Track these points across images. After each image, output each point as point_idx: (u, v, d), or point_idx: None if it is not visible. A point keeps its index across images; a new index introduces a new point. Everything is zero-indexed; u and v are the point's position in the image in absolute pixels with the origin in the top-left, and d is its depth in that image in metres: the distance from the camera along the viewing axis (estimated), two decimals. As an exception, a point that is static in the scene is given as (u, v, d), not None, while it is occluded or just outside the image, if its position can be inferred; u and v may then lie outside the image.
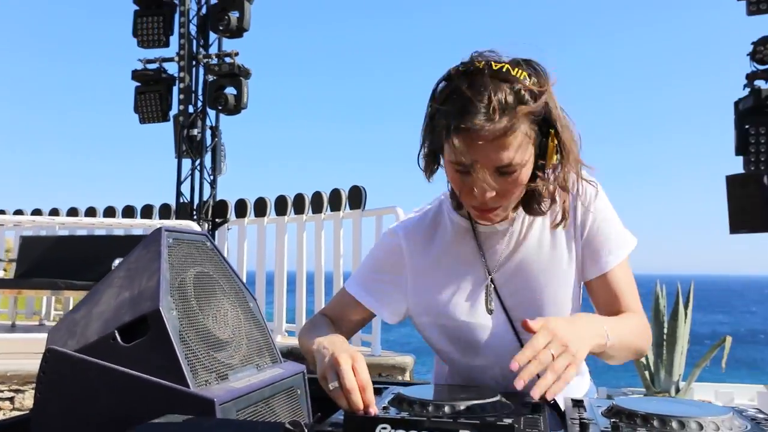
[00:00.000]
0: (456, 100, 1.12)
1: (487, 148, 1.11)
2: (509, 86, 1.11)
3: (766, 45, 4.73)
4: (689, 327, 4.43)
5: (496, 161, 1.13)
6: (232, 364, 2.08)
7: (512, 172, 1.15)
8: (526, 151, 1.15)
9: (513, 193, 1.19)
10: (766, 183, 5.05)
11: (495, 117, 1.09)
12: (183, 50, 6.91)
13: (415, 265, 1.36)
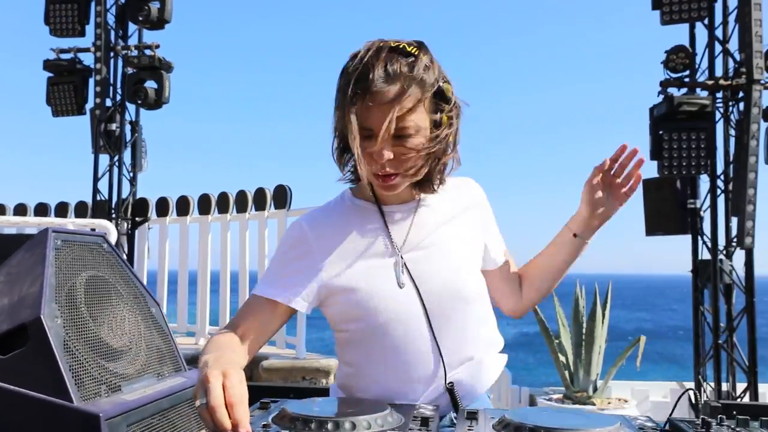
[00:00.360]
0: (358, 70, 1.24)
1: (385, 109, 1.23)
2: (405, 59, 1.25)
3: (679, 54, 4.91)
4: (607, 327, 4.56)
5: (393, 123, 1.23)
6: (127, 374, 1.94)
7: (408, 135, 1.25)
8: (421, 117, 1.27)
9: (409, 160, 1.28)
10: (679, 187, 5.24)
11: (391, 82, 1.22)
12: (99, 40, 6.57)
13: (322, 247, 1.38)
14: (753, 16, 4.61)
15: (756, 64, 4.65)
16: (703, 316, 5.12)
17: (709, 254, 5.03)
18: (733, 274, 5.03)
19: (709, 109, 4.82)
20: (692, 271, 5.19)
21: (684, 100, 4.75)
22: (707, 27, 5.05)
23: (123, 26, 6.78)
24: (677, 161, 4.79)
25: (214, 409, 0.95)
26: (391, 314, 1.33)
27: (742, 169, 4.70)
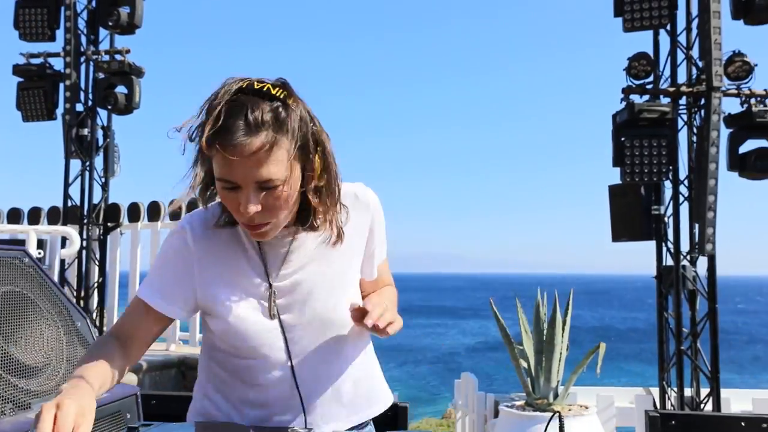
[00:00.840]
0: (218, 117, 1.13)
1: (248, 163, 1.13)
2: (269, 104, 1.15)
3: (640, 60, 4.92)
4: (567, 334, 4.57)
5: (257, 177, 1.15)
6: (41, 390, 1.93)
7: (275, 188, 1.17)
8: (288, 167, 1.17)
9: (280, 209, 1.20)
10: (643, 193, 5.25)
11: (253, 133, 1.12)
12: (69, 45, 6.53)
13: (201, 258, 1.33)
14: (712, 24, 4.63)
15: (715, 71, 4.67)
16: (667, 322, 5.13)
17: (672, 260, 5.04)
18: (697, 280, 5.04)
19: (669, 116, 4.84)
20: (656, 277, 5.20)
21: (645, 107, 4.76)
22: (669, 34, 5.07)
23: (93, 31, 6.74)
24: (639, 168, 4.80)
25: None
26: (253, 344, 1.31)
27: (703, 176, 4.72)
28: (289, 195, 1.19)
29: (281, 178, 1.16)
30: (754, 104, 4.81)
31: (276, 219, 1.22)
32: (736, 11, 4.84)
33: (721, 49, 4.73)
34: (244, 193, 1.17)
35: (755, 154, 4.76)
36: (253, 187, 1.16)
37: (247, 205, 1.17)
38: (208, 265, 1.32)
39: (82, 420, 1.00)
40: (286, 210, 1.22)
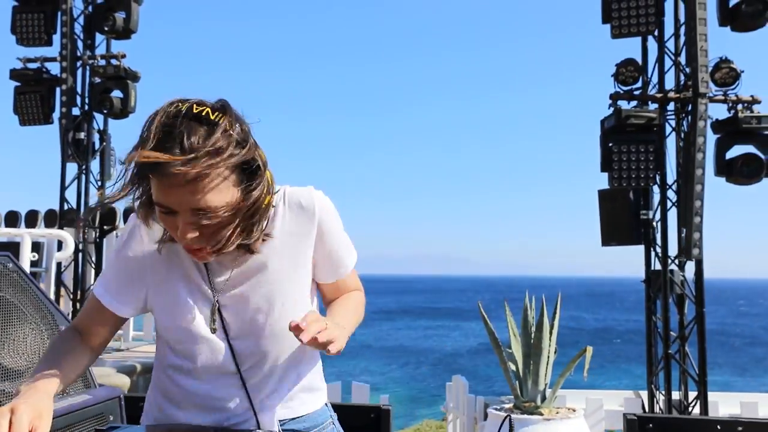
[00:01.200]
0: (155, 139, 1.11)
1: (183, 191, 1.12)
2: (206, 129, 1.12)
3: (628, 67, 4.97)
4: (555, 337, 4.61)
5: (192, 204, 1.13)
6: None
7: (212, 214, 1.15)
8: (226, 194, 1.16)
9: (218, 233, 1.19)
10: (632, 198, 5.29)
11: (189, 161, 1.09)
12: (66, 50, 6.59)
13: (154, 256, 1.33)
14: (698, 31, 4.68)
15: (701, 78, 4.71)
16: (655, 326, 5.17)
17: (660, 265, 5.08)
18: (685, 284, 5.08)
19: (657, 122, 4.88)
20: (644, 281, 5.24)
21: (632, 113, 4.81)
22: (657, 40, 5.12)
23: (90, 36, 6.80)
24: (626, 173, 4.84)
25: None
26: (198, 355, 1.32)
27: (690, 181, 4.76)
28: (227, 219, 1.18)
29: (218, 206, 1.15)
30: (740, 110, 4.86)
31: (214, 242, 1.20)
32: (723, 18, 4.88)
33: (708, 56, 4.77)
34: (181, 219, 1.15)
35: (741, 160, 4.80)
36: (190, 213, 1.15)
37: (184, 233, 1.16)
38: (159, 269, 1.33)
39: (38, 422, 1.04)
40: (225, 233, 1.20)
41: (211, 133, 1.12)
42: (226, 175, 1.14)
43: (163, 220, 1.19)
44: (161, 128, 1.11)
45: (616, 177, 4.86)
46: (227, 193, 1.16)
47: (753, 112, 4.85)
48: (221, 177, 1.13)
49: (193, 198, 1.12)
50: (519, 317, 4.68)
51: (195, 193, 1.12)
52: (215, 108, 1.16)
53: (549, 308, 4.49)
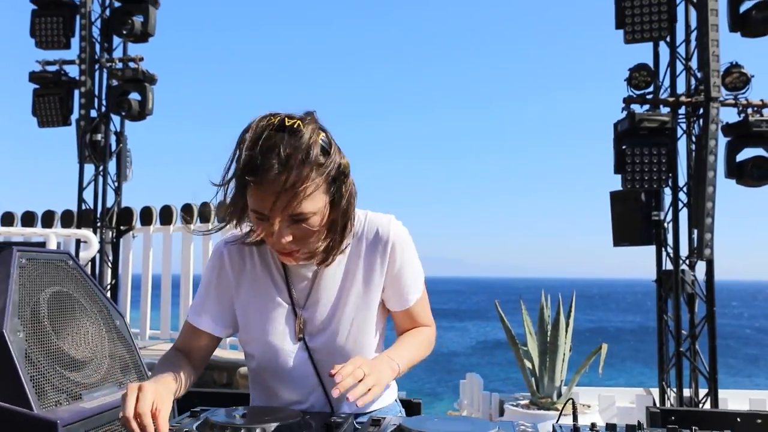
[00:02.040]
0: (252, 153, 1.22)
1: (281, 198, 1.22)
2: (299, 141, 1.22)
3: (641, 71, 5.09)
4: (570, 335, 4.71)
5: (289, 210, 1.24)
6: (88, 383, 2.10)
7: (305, 219, 1.26)
8: (318, 201, 1.27)
9: (309, 238, 1.31)
10: (644, 199, 5.41)
11: (286, 171, 1.20)
12: (84, 53, 6.70)
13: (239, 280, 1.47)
14: (710, 37, 4.80)
15: (713, 82, 4.83)
16: (666, 325, 5.28)
17: (672, 265, 5.20)
18: (696, 284, 5.20)
19: (669, 126, 5.00)
20: (656, 281, 5.36)
21: (645, 117, 4.93)
22: (669, 46, 5.24)
23: (107, 39, 6.91)
24: (639, 175, 4.96)
25: (127, 419, 1.12)
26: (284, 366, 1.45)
27: (701, 183, 4.88)
28: (319, 224, 1.29)
29: (312, 211, 1.26)
30: (750, 114, 4.98)
31: (306, 246, 1.32)
32: (733, 24, 5.00)
33: (719, 61, 4.89)
34: (276, 224, 1.26)
35: (752, 163, 4.92)
36: (286, 220, 1.26)
37: (280, 237, 1.26)
38: (243, 287, 1.46)
39: (161, 404, 1.16)
40: (316, 238, 1.31)
41: (303, 143, 1.22)
42: (318, 183, 1.25)
43: (258, 226, 1.30)
44: (258, 140, 1.22)
45: (629, 179, 4.98)
46: (319, 199, 1.27)
47: (763, 116, 4.97)
48: (314, 184, 1.24)
49: (289, 205, 1.23)
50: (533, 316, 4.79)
51: (291, 200, 1.22)
52: (304, 120, 1.26)
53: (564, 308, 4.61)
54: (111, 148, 7.06)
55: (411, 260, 1.48)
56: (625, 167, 4.99)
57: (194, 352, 1.51)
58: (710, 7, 4.83)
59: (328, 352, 1.44)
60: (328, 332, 1.44)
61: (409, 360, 1.45)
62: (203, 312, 1.50)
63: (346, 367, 1.22)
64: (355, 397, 1.19)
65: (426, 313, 1.57)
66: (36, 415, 1.77)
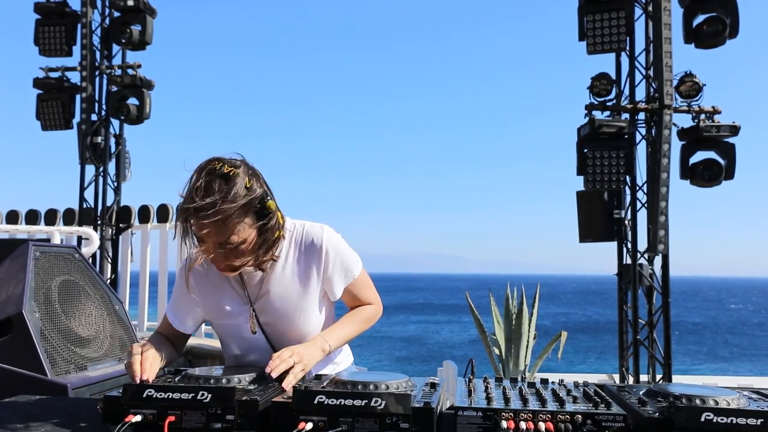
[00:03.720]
0: (193, 193, 1.56)
1: (213, 230, 1.58)
2: (232, 186, 1.57)
3: (601, 80, 5.48)
4: (534, 324, 5.11)
5: (220, 239, 1.60)
6: (92, 357, 2.53)
7: (235, 246, 1.62)
8: (245, 233, 1.62)
9: (240, 258, 1.66)
10: (606, 198, 5.81)
11: (219, 211, 1.55)
12: (85, 60, 7.10)
13: (202, 289, 1.84)
14: (664, 49, 5.19)
15: (666, 91, 5.22)
16: (626, 315, 5.69)
17: (630, 259, 5.60)
18: (653, 277, 5.60)
19: (626, 131, 5.40)
20: (617, 274, 5.76)
21: (604, 123, 5.32)
22: (629, 56, 5.63)
23: (107, 47, 7.30)
24: (599, 176, 5.35)
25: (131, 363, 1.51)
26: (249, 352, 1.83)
27: (655, 184, 5.28)
28: (247, 249, 1.63)
29: (240, 240, 1.61)
30: (702, 120, 5.37)
31: (240, 263, 1.66)
32: (687, 36, 5.39)
33: (673, 71, 5.29)
34: (210, 250, 1.61)
35: (703, 165, 5.32)
36: (218, 245, 1.60)
37: (214, 259, 1.64)
38: (207, 293, 1.82)
39: (155, 363, 1.56)
40: (246, 258, 1.65)
41: (234, 188, 1.57)
42: (244, 220, 1.60)
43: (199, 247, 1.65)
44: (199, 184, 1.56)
45: (591, 180, 5.38)
46: (246, 232, 1.62)
47: (714, 122, 5.36)
48: (240, 221, 1.59)
49: (221, 236, 1.59)
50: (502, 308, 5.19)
51: (223, 233, 1.58)
52: (238, 167, 1.61)
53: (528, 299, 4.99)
54: (111, 150, 7.46)
55: (343, 257, 1.83)
56: (586, 169, 5.39)
57: (172, 338, 1.88)
58: (664, 21, 5.22)
59: (280, 334, 1.80)
60: (278, 319, 1.79)
61: (343, 337, 1.81)
62: (177, 313, 1.87)
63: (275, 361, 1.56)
64: (287, 385, 1.52)
65: (367, 293, 1.90)
66: (50, 380, 2.18)
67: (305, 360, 1.63)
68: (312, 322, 1.81)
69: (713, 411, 1.13)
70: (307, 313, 1.80)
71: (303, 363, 1.61)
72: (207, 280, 1.82)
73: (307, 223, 1.83)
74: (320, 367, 1.84)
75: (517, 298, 5.11)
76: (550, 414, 1.23)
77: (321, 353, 1.71)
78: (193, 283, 1.82)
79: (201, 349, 6.51)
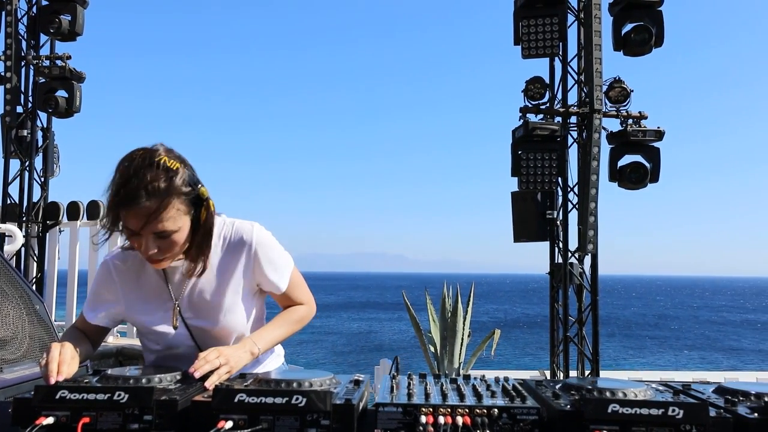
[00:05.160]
0: (124, 183, 1.51)
1: (146, 220, 1.52)
2: (164, 176, 1.53)
3: (535, 84, 5.63)
4: (469, 322, 5.20)
5: (154, 229, 1.55)
6: (9, 359, 2.42)
7: (168, 235, 1.57)
8: (179, 221, 1.58)
9: (172, 249, 1.61)
10: (539, 200, 5.96)
11: (150, 198, 1.50)
12: (10, 50, 6.78)
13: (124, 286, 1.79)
14: (594, 55, 5.37)
15: (596, 96, 5.41)
16: (557, 313, 5.86)
17: (561, 259, 5.77)
18: (583, 276, 5.79)
19: (558, 134, 5.56)
20: (549, 273, 5.93)
21: (538, 125, 5.47)
22: (562, 61, 5.80)
23: (34, 36, 7.00)
24: (533, 178, 5.50)
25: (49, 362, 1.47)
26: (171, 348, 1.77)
27: (585, 185, 5.46)
28: (179, 239, 1.59)
29: (173, 229, 1.55)
30: (630, 125, 5.59)
31: (170, 255, 1.61)
32: (616, 44, 5.60)
33: (603, 77, 5.48)
34: (144, 240, 1.55)
35: (630, 168, 5.54)
36: (151, 236, 1.55)
37: (147, 250, 1.56)
38: (128, 290, 1.78)
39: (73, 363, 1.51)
40: (178, 248, 1.61)
41: (167, 176, 1.52)
42: (178, 208, 1.55)
43: (130, 240, 1.60)
44: (129, 173, 1.51)
45: (524, 181, 5.52)
46: (180, 220, 1.57)
47: (640, 126, 5.59)
48: (175, 209, 1.55)
49: (154, 225, 1.53)
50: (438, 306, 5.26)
51: (155, 221, 1.52)
52: (170, 155, 1.57)
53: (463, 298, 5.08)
54: (38, 144, 7.16)
55: (274, 257, 1.79)
56: (520, 170, 5.52)
57: (89, 333, 1.84)
58: (594, 28, 5.40)
59: (204, 331, 1.75)
60: (202, 315, 1.74)
61: (273, 340, 1.78)
62: (94, 309, 1.82)
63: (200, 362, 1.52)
64: (210, 384, 1.46)
65: (300, 292, 1.87)
66: (-40, 383, 2.07)
67: (231, 362, 1.58)
68: (237, 320, 1.77)
69: (619, 402, 1.18)
70: (232, 310, 1.77)
71: (229, 365, 1.57)
72: (128, 275, 1.77)
73: (237, 220, 1.79)
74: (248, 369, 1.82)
75: (452, 296, 5.21)
76: (467, 408, 1.26)
77: (249, 356, 1.67)
78: (115, 278, 1.78)
79: (132, 349, 6.34)
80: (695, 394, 1.41)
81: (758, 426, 1.17)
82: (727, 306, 67.25)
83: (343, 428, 1.28)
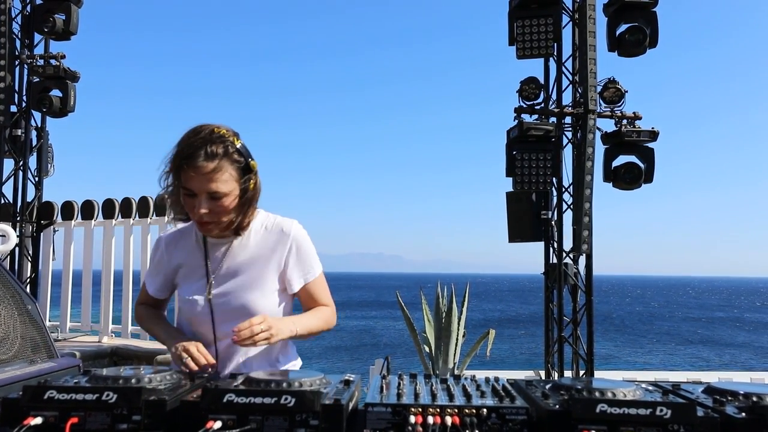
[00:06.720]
0: (187, 147, 1.74)
1: (203, 179, 1.73)
2: (221, 143, 1.75)
3: (530, 84, 5.63)
4: (464, 322, 5.20)
5: (209, 189, 1.75)
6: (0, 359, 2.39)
7: (220, 198, 1.76)
8: (231, 185, 1.77)
9: (222, 213, 1.79)
10: (535, 199, 5.97)
11: (208, 158, 1.73)
12: (4, 49, 6.76)
13: (171, 261, 2.00)
14: (588, 56, 5.38)
15: (591, 96, 5.42)
16: (552, 313, 5.87)
17: (556, 259, 5.78)
18: (578, 276, 5.80)
19: (553, 134, 5.57)
20: (544, 273, 5.93)
21: (532, 126, 5.47)
22: (556, 62, 5.81)
23: (28, 35, 6.97)
24: (527, 178, 5.50)
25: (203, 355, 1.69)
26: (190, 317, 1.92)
27: (580, 186, 5.47)
28: (230, 204, 1.78)
29: (225, 191, 1.75)
30: (624, 125, 5.60)
31: (219, 219, 1.79)
32: (610, 45, 5.61)
33: (597, 77, 5.49)
34: (198, 199, 1.75)
35: (624, 168, 5.55)
36: (206, 196, 1.75)
37: (199, 209, 1.75)
38: (173, 264, 1.99)
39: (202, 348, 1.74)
40: (227, 215, 1.80)
41: (224, 145, 1.74)
42: (231, 173, 1.76)
43: (185, 201, 1.78)
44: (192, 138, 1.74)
45: (519, 181, 5.52)
46: (231, 184, 1.77)
47: (635, 127, 5.60)
48: (228, 173, 1.75)
49: (209, 184, 1.73)
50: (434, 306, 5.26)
51: (211, 181, 1.73)
52: (229, 131, 1.78)
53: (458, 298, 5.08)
54: (32, 144, 7.13)
55: (308, 252, 1.95)
56: (515, 170, 5.52)
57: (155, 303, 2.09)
58: (589, 29, 5.41)
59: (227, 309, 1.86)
60: (230, 293, 1.87)
61: (309, 327, 1.89)
62: (152, 282, 2.05)
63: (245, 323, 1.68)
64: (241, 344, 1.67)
65: (325, 296, 2.01)
66: (-49, 383, 2.06)
67: (273, 330, 1.72)
68: (265, 306, 1.87)
69: (607, 402, 1.18)
70: (261, 295, 1.87)
71: (270, 332, 1.70)
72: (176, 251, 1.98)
73: (278, 216, 1.97)
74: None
75: (447, 296, 5.20)
76: (457, 408, 1.26)
77: (289, 332, 1.80)
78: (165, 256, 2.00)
79: (127, 350, 6.32)
80: (684, 394, 1.41)
81: (745, 425, 1.17)
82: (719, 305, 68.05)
83: (332, 428, 1.28)
